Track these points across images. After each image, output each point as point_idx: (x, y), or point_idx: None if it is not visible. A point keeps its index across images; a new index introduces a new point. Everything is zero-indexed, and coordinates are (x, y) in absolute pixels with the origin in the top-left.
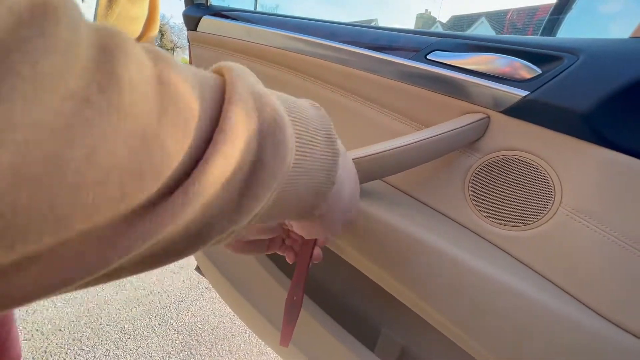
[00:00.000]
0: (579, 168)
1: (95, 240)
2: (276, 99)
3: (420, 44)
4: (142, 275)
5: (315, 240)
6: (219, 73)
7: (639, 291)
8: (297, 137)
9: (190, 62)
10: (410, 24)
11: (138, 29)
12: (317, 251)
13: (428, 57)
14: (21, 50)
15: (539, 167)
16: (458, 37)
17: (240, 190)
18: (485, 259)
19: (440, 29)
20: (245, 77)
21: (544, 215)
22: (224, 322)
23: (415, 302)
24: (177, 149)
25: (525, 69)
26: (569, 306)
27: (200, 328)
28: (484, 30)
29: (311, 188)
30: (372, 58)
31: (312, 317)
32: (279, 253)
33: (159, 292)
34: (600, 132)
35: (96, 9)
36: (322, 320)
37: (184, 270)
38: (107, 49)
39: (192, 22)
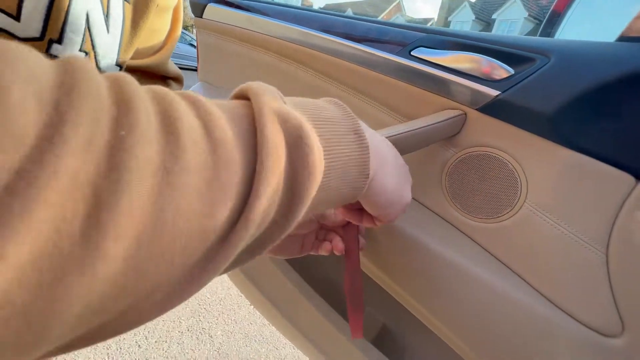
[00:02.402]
0: (543, 166)
1: (192, 264)
2: (300, 113)
3: (407, 39)
4: None
5: (357, 226)
6: (244, 95)
7: (590, 284)
8: (325, 141)
9: (197, 50)
10: (437, 2)
11: (160, 41)
12: (362, 232)
13: (412, 53)
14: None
15: (509, 163)
16: (443, 34)
17: (281, 209)
18: (455, 247)
19: (468, 9)
20: (268, 100)
21: (511, 210)
22: (230, 294)
23: (388, 283)
24: (230, 186)
25: (500, 69)
26: (528, 295)
27: (209, 298)
28: (516, 9)
29: (346, 185)
30: (361, 51)
31: (300, 292)
32: (315, 253)
33: None
34: (563, 133)
35: (122, 26)
36: (308, 295)
37: None
38: (166, 114)
39: (198, 9)
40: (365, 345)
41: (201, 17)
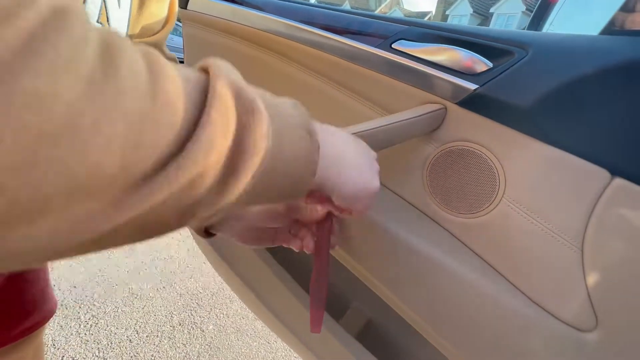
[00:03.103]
0: (520, 161)
1: (100, 201)
2: (256, 94)
3: (388, 31)
4: (150, 242)
5: (331, 221)
6: (204, 68)
7: (565, 280)
8: (275, 131)
9: (183, 41)
10: None
11: (158, 26)
12: (334, 232)
13: (393, 45)
14: (48, 40)
15: (487, 158)
16: (424, 27)
17: (223, 169)
18: (434, 242)
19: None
20: (227, 73)
21: (489, 205)
22: (223, 289)
23: (366, 276)
24: (168, 127)
25: (479, 63)
26: (505, 290)
27: (201, 293)
28: (513, 3)
29: (290, 177)
30: (342, 43)
31: (287, 288)
32: (286, 245)
33: (165, 259)
34: (539, 127)
35: (130, 11)
36: (294, 290)
37: (189, 239)
38: (109, 45)
39: (182, 0)
40: (349, 339)
41: (185, 8)
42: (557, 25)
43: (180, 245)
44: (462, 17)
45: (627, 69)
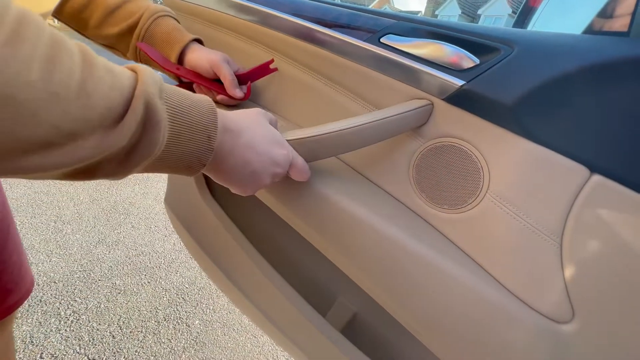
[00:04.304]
0: (504, 157)
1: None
2: (164, 109)
3: (377, 25)
4: (134, 237)
5: None
6: (135, 71)
7: (544, 273)
8: (171, 122)
9: None
10: None
11: None
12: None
13: (381, 40)
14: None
15: (472, 154)
16: (413, 22)
17: (131, 141)
18: (419, 237)
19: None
20: (148, 79)
21: (473, 201)
22: (209, 284)
23: (354, 273)
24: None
25: (466, 59)
26: (485, 283)
27: (187, 288)
28: (500, 5)
29: (184, 162)
30: (330, 37)
31: (271, 283)
32: None
33: (149, 253)
34: (523, 124)
35: None
36: (279, 286)
37: (174, 234)
38: (50, 60)
39: None
40: (334, 333)
41: None
42: (538, 27)
43: (165, 240)
44: (450, 17)
45: (607, 68)
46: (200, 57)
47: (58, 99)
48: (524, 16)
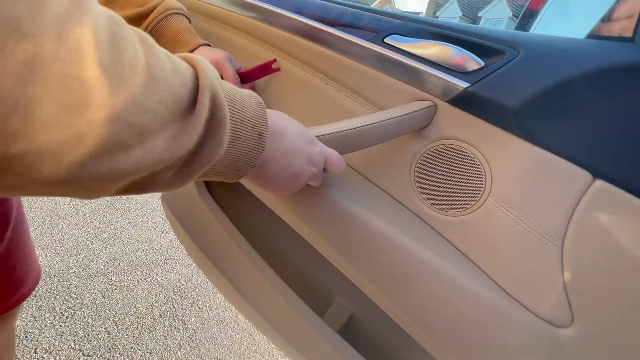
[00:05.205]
0: (506, 160)
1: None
2: (225, 104)
3: (381, 25)
4: (130, 233)
5: None
6: (190, 62)
7: (545, 277)
8: (233, 127)
9: None
10: None
11: None
12: None
13: (386, 40)
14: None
15: (475, 157)
16: (417, 22)
17: (197, 142)
18: (419, 239)
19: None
20: (209, 69)
21: (475, 204)
22: (206, 281)
23: (354, 274)
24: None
25: (471, 61)
26: (486, 287)
27: (184, 285)
28: (501, 8)
29: (235, 165)
30: (333, 36)
31: (268, 282)
32: None
33: (146, 250)
34: (526, 127)
35: None
36: (276, 284)
37: (172, 231)
38: (115, 35)
39: None
40: (331, 334)
41: None
42: (539, 31)
43: (163, 236)
44: (450, 19)
45: (612, 74)
46: (204, 56)
47: (129, 85)
48: (525, 19)
